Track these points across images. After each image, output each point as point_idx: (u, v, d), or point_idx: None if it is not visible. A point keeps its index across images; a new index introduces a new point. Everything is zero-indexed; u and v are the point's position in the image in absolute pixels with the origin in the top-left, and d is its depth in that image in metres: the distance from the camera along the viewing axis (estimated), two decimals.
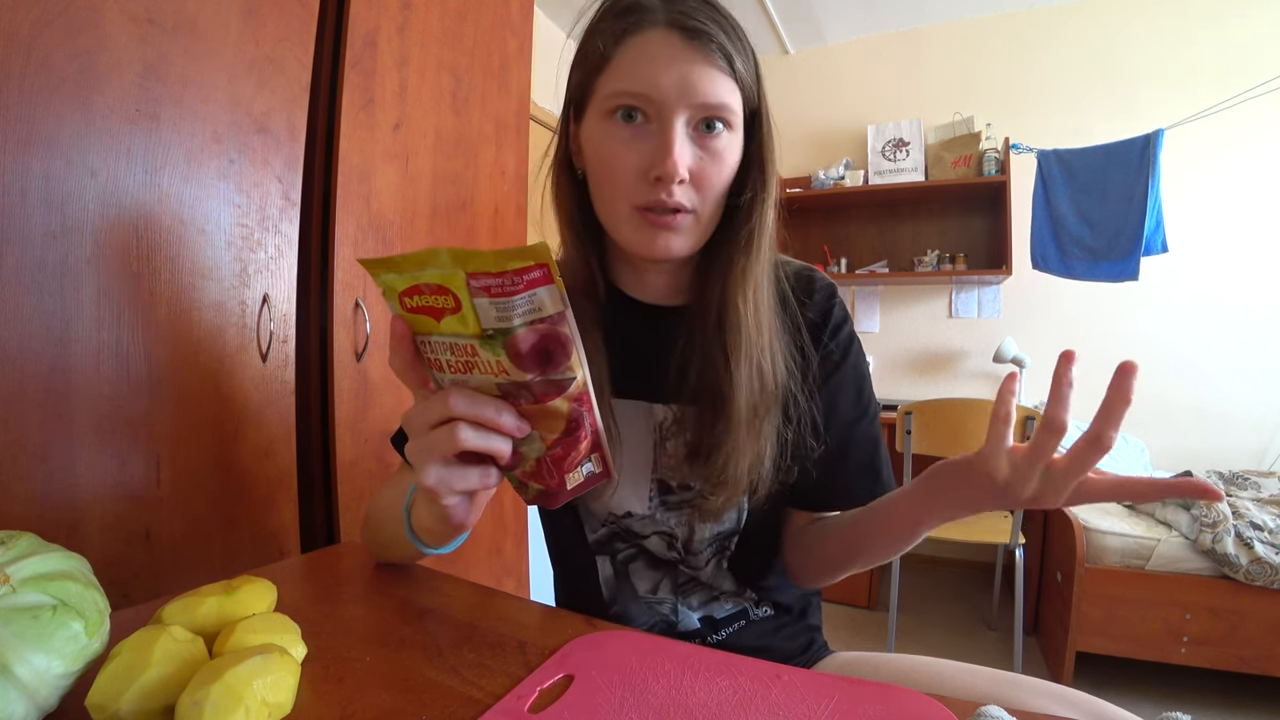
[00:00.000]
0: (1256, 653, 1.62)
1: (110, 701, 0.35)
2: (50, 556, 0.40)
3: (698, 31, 0.50)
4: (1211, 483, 1.55)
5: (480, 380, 0.39)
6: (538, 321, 0.36)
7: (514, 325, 0.35)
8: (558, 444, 0.41)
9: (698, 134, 0.52)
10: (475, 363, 0.38)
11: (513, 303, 0.34)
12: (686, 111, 0.51)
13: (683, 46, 0.50)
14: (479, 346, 0.37)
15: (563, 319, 0.36)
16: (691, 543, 0.64)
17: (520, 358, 0.36)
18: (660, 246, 0.54)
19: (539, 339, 0.36)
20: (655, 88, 0.50)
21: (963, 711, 0.38)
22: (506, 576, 1.33)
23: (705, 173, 0.53)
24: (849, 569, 0.62)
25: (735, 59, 0.52)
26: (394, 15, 1.03)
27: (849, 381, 0.63)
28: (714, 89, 0.50)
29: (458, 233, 1.19)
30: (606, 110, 0.53)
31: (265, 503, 0.88)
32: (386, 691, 0.42)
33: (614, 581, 0.66)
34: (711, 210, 0.55)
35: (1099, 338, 2.61)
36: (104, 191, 0.69)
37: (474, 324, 0.36)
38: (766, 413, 0.57)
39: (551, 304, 0.36)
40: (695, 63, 0.50)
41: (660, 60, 0.50)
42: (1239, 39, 2.40)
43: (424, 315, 0.37)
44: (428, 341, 0.39)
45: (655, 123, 0.52)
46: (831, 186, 2.84)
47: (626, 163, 0.52)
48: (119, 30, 0.69)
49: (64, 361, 0.67)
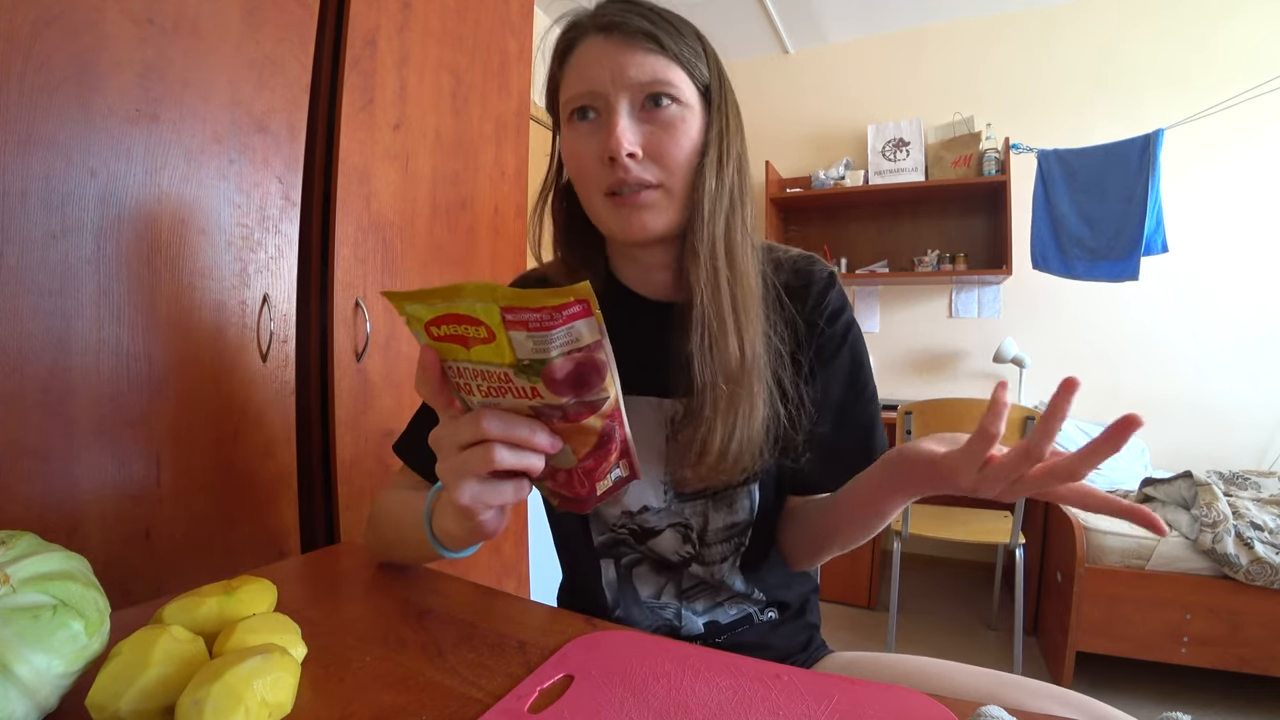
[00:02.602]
0: (1256, 653, 1.62)
1: (110, 701, 0.35)
2: (50, 556, 0.40)
3: (616, 25, 0.55)
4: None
5: (513, 403, 0.39)
6: (575, 351, 0.36)
7: (551, 356, 0.35)
8: (589, 456, 0.42)
9: (645, 112, 0.56)
10: (509, 388, 0.38)
11: (550, 336, 0.34)
12: (625, 94, 0.55)
13: (609, 43, 0.56)
14: (513, 374, 0.37)
15: (599, 346, 0.36)
16: (706, 533, 0.64)
17: (555, 384, 0.37)
18: (636, 226, 0.57)
19: (575, 366, 0.36)
20: (592, 82, 0.56)
21: (963, 712, 0.38)
22: (506, 576, 1.33)
23: (660, 144, 0.56)
24: (830, 549, 0.64)
25: (662, 37, 0.55)
26: (394, 15, 1.03)
27: (844, 366, 0.64)
28: (643, 68, 0.55)
29: (458, 233, 1.19)
30: (567, 118, 0.59)
31: (265, 503, 0.88)
32: (386, 691, 0.42)
33: (617, 585, 0.66)
34: (681, 183, 0.57)
35: (1099, 338, 2.60)
36: (104, 191, 0.69)
37: (509, 354, 0.36)
38: (747, 392, 0.57)
39: (589, 334, 0.35)
40: (621, 51, 0.55)
41: (593, 60, 0.56)
42: (1239, 39, 2.40)
43: (451, 343, 0.37)
44: (455, 367, 0.39)
45: (604, 113, 0.56)
46: (831, 186, 2.84)
47: (587, 153, 0.57)
48: (119, 30, 0.69)
49: (64, 361, 0.67)
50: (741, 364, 0.56)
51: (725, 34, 2.97)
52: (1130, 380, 2.55)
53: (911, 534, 1.96)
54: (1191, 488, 1.78)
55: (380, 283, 1.03)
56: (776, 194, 2.90)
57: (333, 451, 0.96)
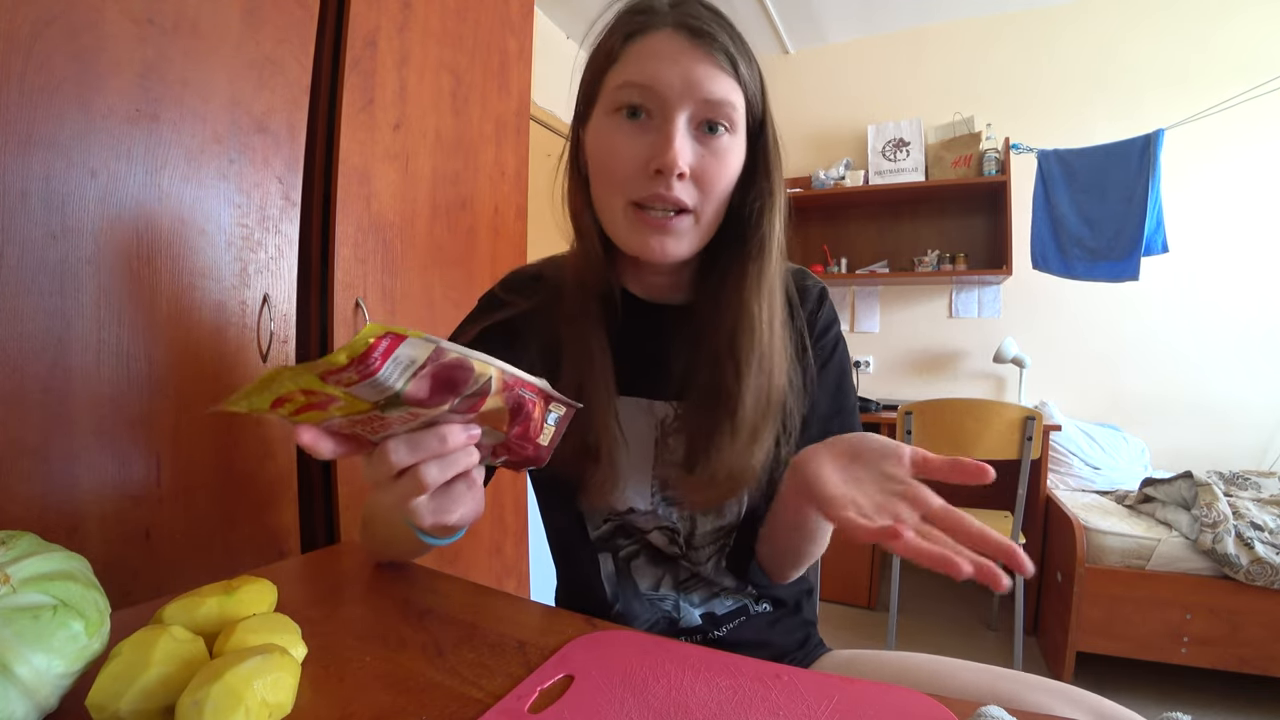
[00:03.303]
0: (1256, 653, 1.62)
1: (110, 701, 0.35)
2: (51, 556, 0.40)
3: (703, 33, 0.52)
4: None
5: (407, 427, 0.38)
6: (418, 370, 0.34)
7: (399, 388, 0.34)
8: (512, 425, 0.42)
9: (699, 134, 0.53)
10: (388, 421, 0.37)
11: (380, 378, 0.33)
12: (689, 107, 0.52)
13: (688, 45, 0.52)
14: (382, 413, 0.36)
15: (440, 352, 0.35)
16: (694, 537, 0.64)
17: (427, 400, 0.36)
18: (656, 249, 0.55)
19: (432, 380, 0.35)
20: (659, 80, 0.51)
21: (963, 711, 0.38)
22: (506, 576, 1.33)
23: (707, 171, 0.53)
24: (791, 561, 0.64)
25: (739, 63, 0.53)
26: (394, 15, 1.03)
27: (830, 380, 0.65)
28: (717, 86, 0.52)
29: (458, 233, 1.19)
30: (612, 106, 0.54)
31: (265, 503, 0.88)
32: (386, 691, 0.42)
33: (616, 579, 0.66)
34: (713, 213, 0.56)
35: (1099, 338, 2.60)
36: (104, 192, 0.69)
37: (363, 403, 0.35)
38: (769, 421, 0.58)
39: (421, 351, 0.34)
40: (699, 61, 0.51)
41: (666, 57, 0.52)
42: (1239, 39, 2.40)
43: (311, 412, 0.36)
44: (331, 424, 0.37)
45: (658, 118, 0.53)
46: (832, 186, 2.84)
47: (627, 155, 0.53)
48: (119, 30, 0.69)
49: (64, 361, 0.67)
50: (765, 390, 0.57)
51: None
52: (1130, 380, 2.55)
53: None
54: (1191, 488, 1.78)
55: (381, 283, 1.03)
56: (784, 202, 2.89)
57: None
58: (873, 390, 2.93)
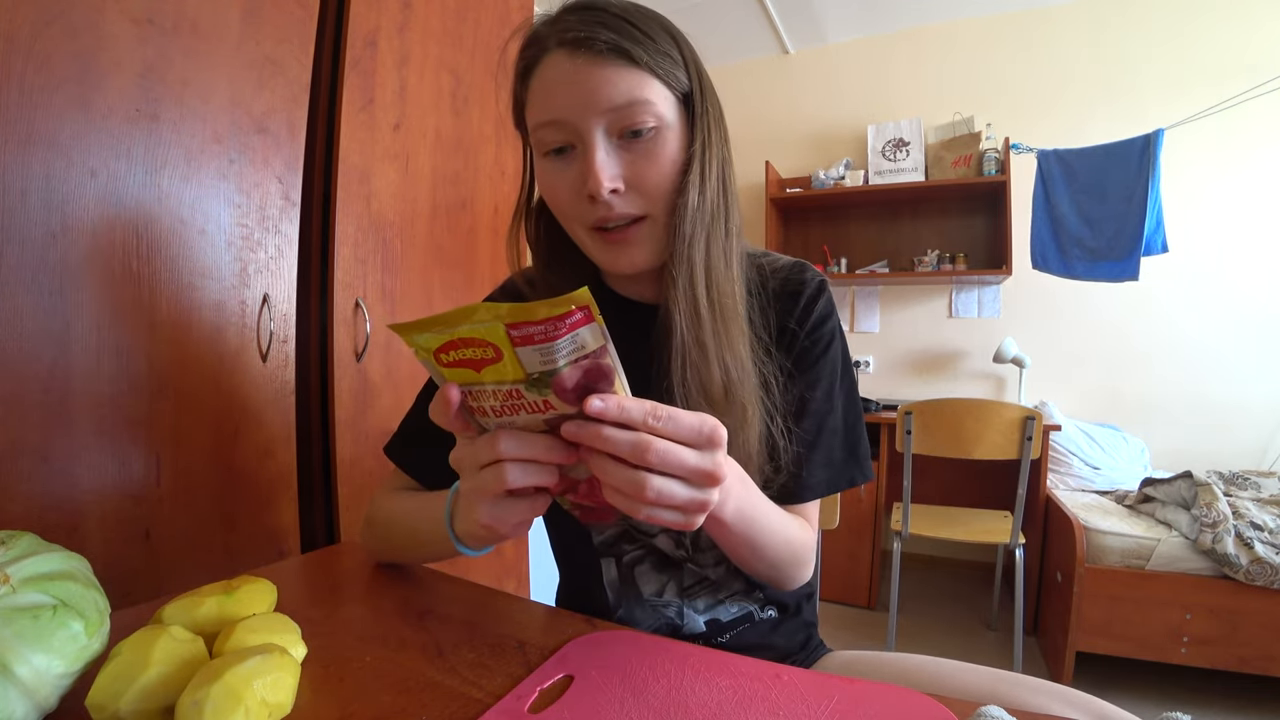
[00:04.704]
0: (1256, 653, 1.62)
1: (110, 701, 0.35)
2: (50, 556, 0.40)
3: (581, 41, 0.50)
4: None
5: (527, 420, 0.40)
6: (581, 359, 0.36)
7: (559, 366, 0.36)
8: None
9: (624, 141, 0.52)
10: (521, 404, 0.38)
11: (555, 346, 0.35)
12: (599, 122, 0.51)
13: (575, 62, 0.50)
14: (524, 389, 0.37)
15: (605, 352, 0.37)
16: (700, 539, 0.64)
17: (565, 393, 0.37)
18: (624, 261, 0.56)
19: (583, 374, 0.37)
20: (560, 110, 0.51)
21: (962, 711, 0.38)
22: (506, 576, 1.33)
23: (640, 176, 0.52)
24: (753, 570, 0.60)
25: (633, 49, 0.50)
26: (394, 15, 1.03)
27: (824, 375, 0.63)
28: (616, 91, 0.50)
29: (458, 233, 1.19)
30: (540, 150, 0.55)
31: (265, 503, 0.88)
32: (386, 691, 0.42)
33: (618, 585, 0.66)
34: (667, 207, 0.54)
35: (1099, 338, 2.60)
36: (104, 191, 0.69)
37: (519, 370, 0.36)
38: (739, 410, 0.56)
39: (594, 340, 0.36)
40: (589, 74, 0.50)
41: (559, 83, 0.51)
42: (1239, 39, 2.40)
43: (463, 368, 0.37)
44: (469, 390, 0.39)
45: (579, 145, 0.52)
46: (831, 186, 2.84)
47: (564, 191, 0.54)
48: (119, 30, 0.69)
49: (64, 361, 0.67)
50: (726, 387, 0.55)
51: (725, 34, 2.97)
52: (1130, 380, 2.55)
53: (911, 534, 1.96)
54: (1191, 488, 1.78)
55: (380, 283, 1.03)
56: (776, 194, 2.89)
57: (333, 451, 0.96)
58: (873, 390, 2.93)
